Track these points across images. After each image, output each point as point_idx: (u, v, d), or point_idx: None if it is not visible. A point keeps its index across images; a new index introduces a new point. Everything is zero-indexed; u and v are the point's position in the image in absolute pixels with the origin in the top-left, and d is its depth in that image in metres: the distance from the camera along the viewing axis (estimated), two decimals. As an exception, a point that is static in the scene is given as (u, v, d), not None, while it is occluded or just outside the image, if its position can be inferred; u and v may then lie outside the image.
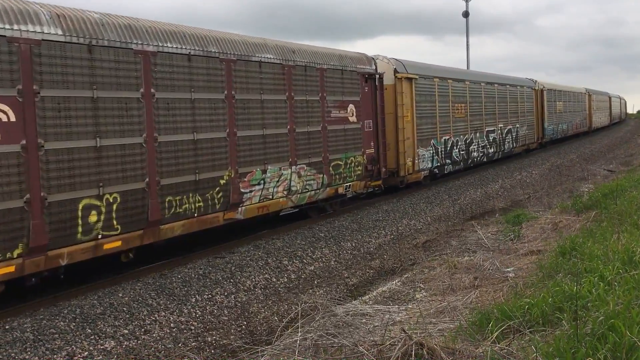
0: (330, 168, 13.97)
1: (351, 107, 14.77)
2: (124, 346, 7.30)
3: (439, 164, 19.80)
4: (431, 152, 19.19)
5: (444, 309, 6.84)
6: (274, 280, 10.03)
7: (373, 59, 16.40)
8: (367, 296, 8.70)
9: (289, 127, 12.60)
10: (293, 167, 12.67)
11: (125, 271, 9.63)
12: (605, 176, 21.39)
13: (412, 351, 4.82)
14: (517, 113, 28.29)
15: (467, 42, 43.71)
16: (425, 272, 9.51)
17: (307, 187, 13.17)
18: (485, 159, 24.39)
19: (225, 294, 9.18)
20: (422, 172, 18.69)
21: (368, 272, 10.60)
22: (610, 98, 63.48)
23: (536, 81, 32.37)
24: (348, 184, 14.70)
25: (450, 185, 19.82)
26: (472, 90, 22.77)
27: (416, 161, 18.12)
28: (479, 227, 12.85)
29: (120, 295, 8.62)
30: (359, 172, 15.07)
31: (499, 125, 25.71)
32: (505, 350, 4.81)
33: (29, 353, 6.86)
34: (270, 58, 12.12)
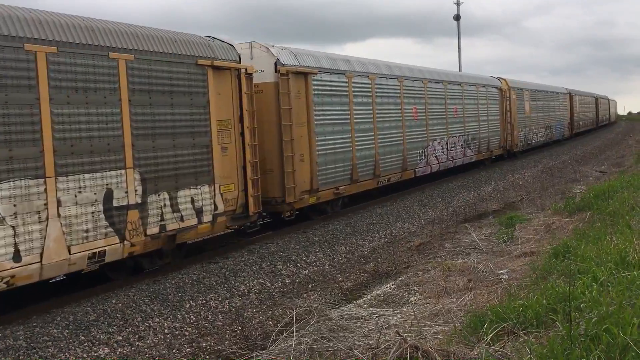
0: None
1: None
2: (117, 353, 7.26)
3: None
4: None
5: (439, 312, 6.85)
6: (268, 284, 10.01)
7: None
8: (361, 300, 8.70)
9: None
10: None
11: (118, 278, 9.59)
12: (597, 177, 21.49)
13: (407, 354, 4.83)
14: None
15: (459, 45, 43.94)
16: (420, 275, 9.52)
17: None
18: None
19: (220, 299, 9.16)
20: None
21: (362, 275, 10.59)
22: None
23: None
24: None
25: (443, 188, 19.86)
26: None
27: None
28: (472, 229, 12.89)
29: (114, 301, 8.58)
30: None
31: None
32: (500, 352, 4.83)
33: (22, 361, 6.81)
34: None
